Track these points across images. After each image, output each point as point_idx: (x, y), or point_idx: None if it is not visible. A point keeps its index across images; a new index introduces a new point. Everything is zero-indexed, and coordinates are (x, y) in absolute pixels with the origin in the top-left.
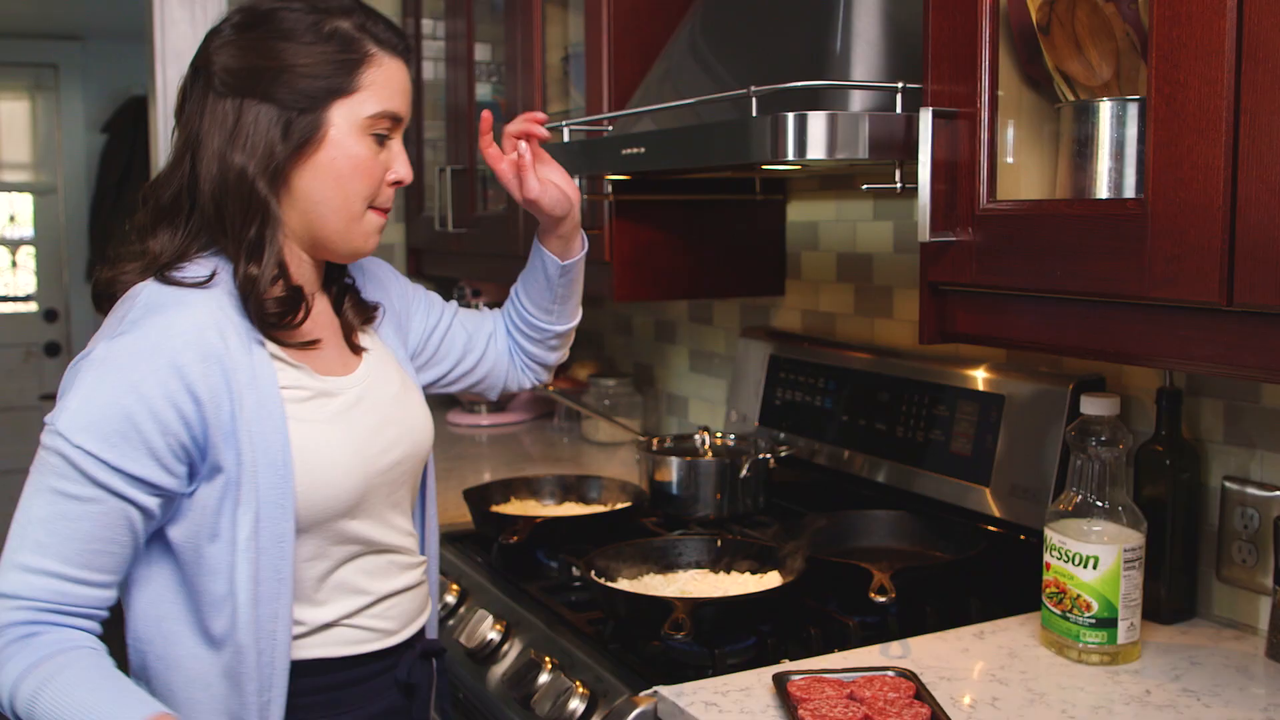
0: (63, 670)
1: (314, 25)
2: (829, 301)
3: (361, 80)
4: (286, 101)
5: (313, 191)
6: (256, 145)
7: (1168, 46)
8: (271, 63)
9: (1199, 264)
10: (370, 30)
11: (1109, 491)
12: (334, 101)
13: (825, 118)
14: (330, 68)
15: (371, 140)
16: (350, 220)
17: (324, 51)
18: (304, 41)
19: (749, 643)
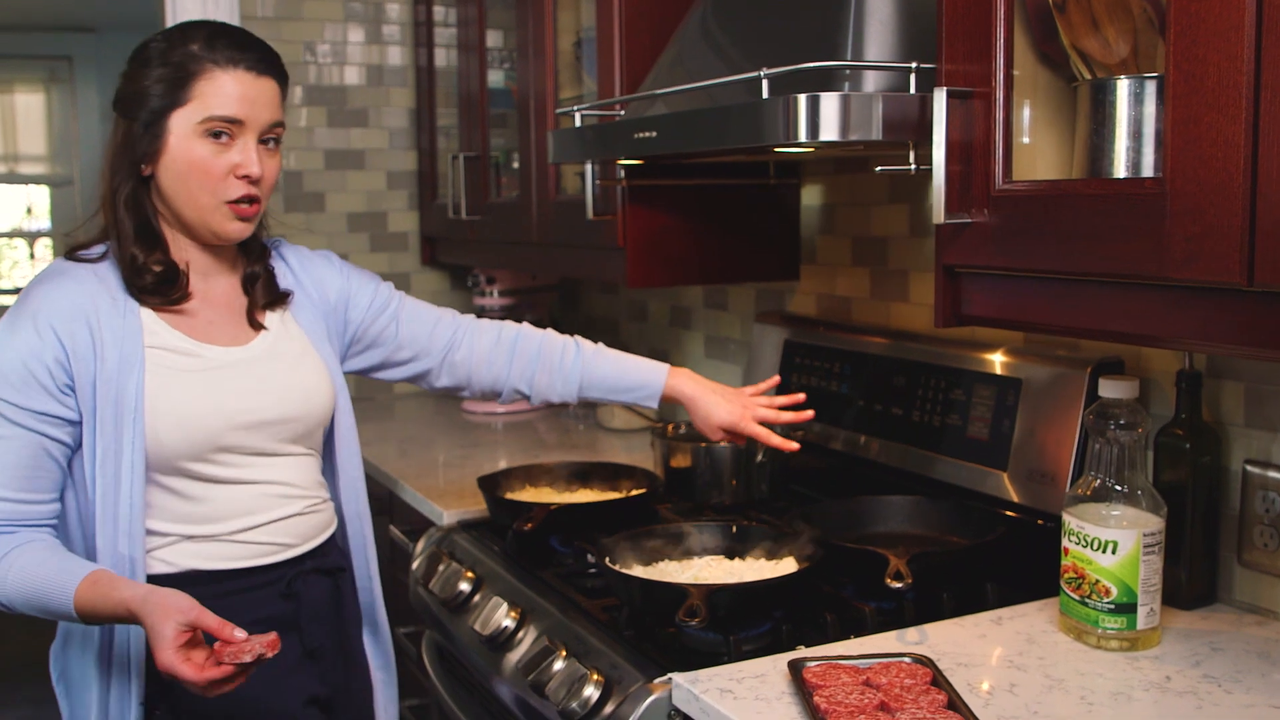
0: (23, 553)
1: (163, 52)
2: (844, 285)
3: (191, 92)
4: (140, 116)
5: (166, 187)
6: (123, 154)
7: (1187, 22)
8: (131, 87)
9: (1219, 244)
10: (209, 48)
11: (1128, 475)
12: (172, 112)
13: (838, 99)
14: (162, 86)
15: (209, 141)
16: (201, 210)
17: (163, 73)
18: (152, 66)
19: (764, 629)
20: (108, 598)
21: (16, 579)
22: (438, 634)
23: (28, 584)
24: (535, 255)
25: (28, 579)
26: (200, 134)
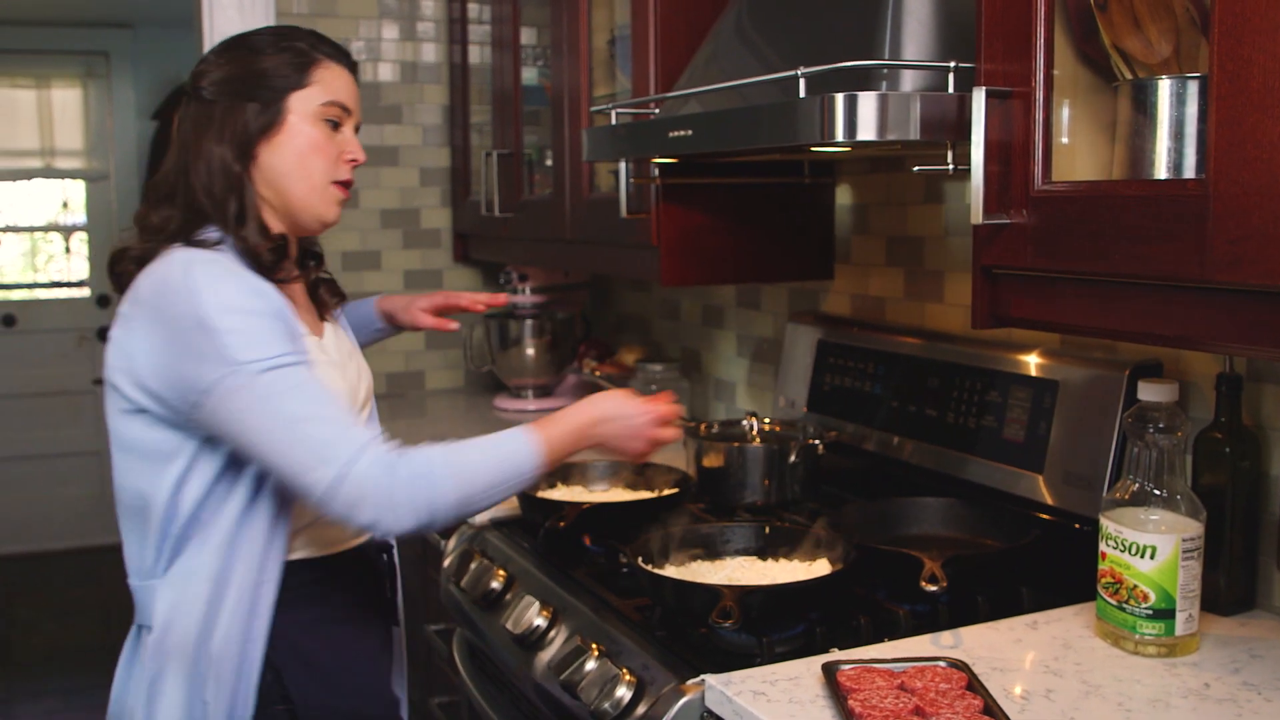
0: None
1: (274, 41)
2: (879, 286)
3: (312, 77)
4: (255, 96)
5: (276, 166)
6: (232, 133)
7: (1231, 21)
8: (242, 69)
9: (1263, 246)
10: (318, 46)
11: (1167, 480)
12: (291, 93)
13: (875, 98)
14: (287, 68)
15: (325, 125)
16: (312, 190)
17: (282, 59)
18: (267, 53)
19: (797, 631)
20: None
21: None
22: (469, 632)
23: (474, 465)
24: (568, 253)
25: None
26: (319, 117)
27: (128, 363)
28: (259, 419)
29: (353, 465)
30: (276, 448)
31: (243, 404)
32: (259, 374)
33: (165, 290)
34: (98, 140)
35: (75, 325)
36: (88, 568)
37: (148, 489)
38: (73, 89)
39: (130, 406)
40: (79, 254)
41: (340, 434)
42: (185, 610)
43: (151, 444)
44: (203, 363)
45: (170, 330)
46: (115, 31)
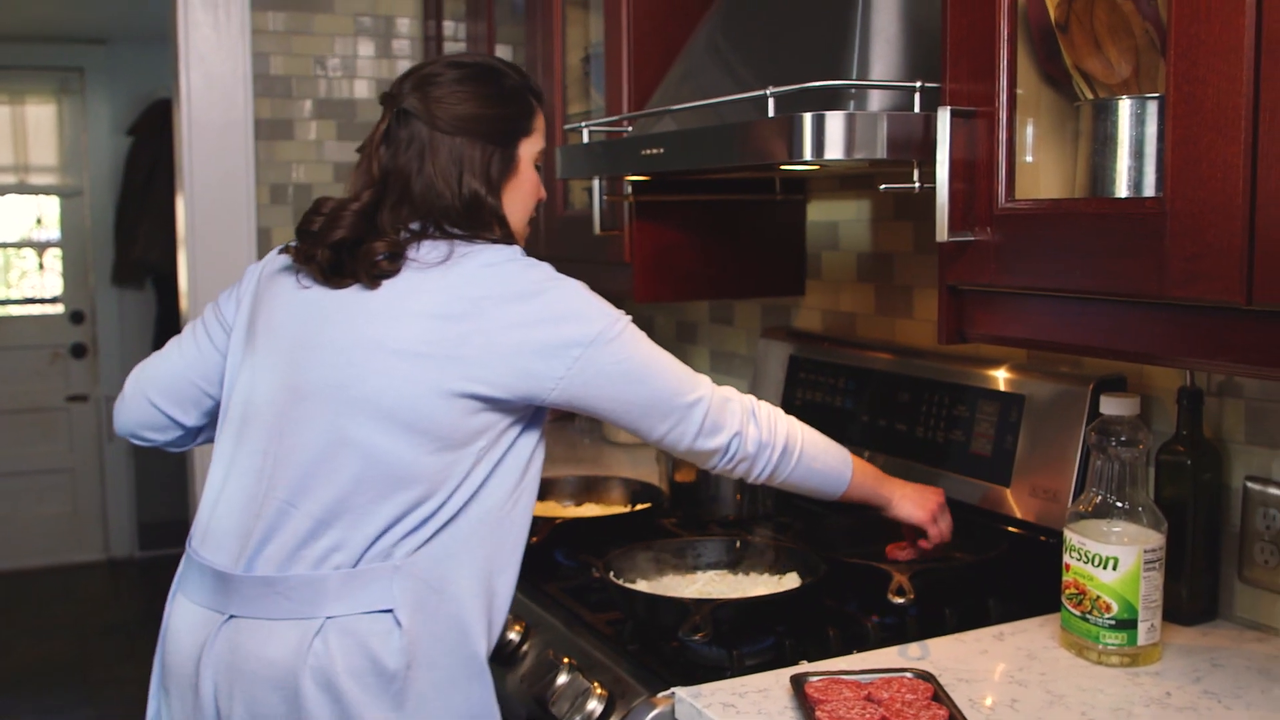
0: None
1: (514, 84)
2: (849, 301)
3: (533, 124)
4: (498, 139)
5: (509, 205)
6: (482, 172)
7: (1186, 44)
8: (487, 110)
9: (1218, 263)
10: (530, 87)
11: (1129, 492)
12: (522, 140)
13: (843, 117)
14: (519, 114)
15: (535, 170)
16: (522, 226)
17: (516, 103)
18: (496, 94)
19: (767, 644)
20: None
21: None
22: None
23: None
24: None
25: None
26: (535, 162)
27: (477, 348)
28: (644, 354)
29: (714, 387)
30: (659, 377)
31: (622, 347)
32: (628, 325)
33: (519, 265)
34: (72, 156)
35: (49, 342)
36: (62, 586)
37: (427, 472)
38: (47, 105)
39: (464, 392)
40: (53, 270)
41: (693, 373)
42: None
43: (463, 429)
44: (577, 321)
45: (536, 302)
46: (90, 47)
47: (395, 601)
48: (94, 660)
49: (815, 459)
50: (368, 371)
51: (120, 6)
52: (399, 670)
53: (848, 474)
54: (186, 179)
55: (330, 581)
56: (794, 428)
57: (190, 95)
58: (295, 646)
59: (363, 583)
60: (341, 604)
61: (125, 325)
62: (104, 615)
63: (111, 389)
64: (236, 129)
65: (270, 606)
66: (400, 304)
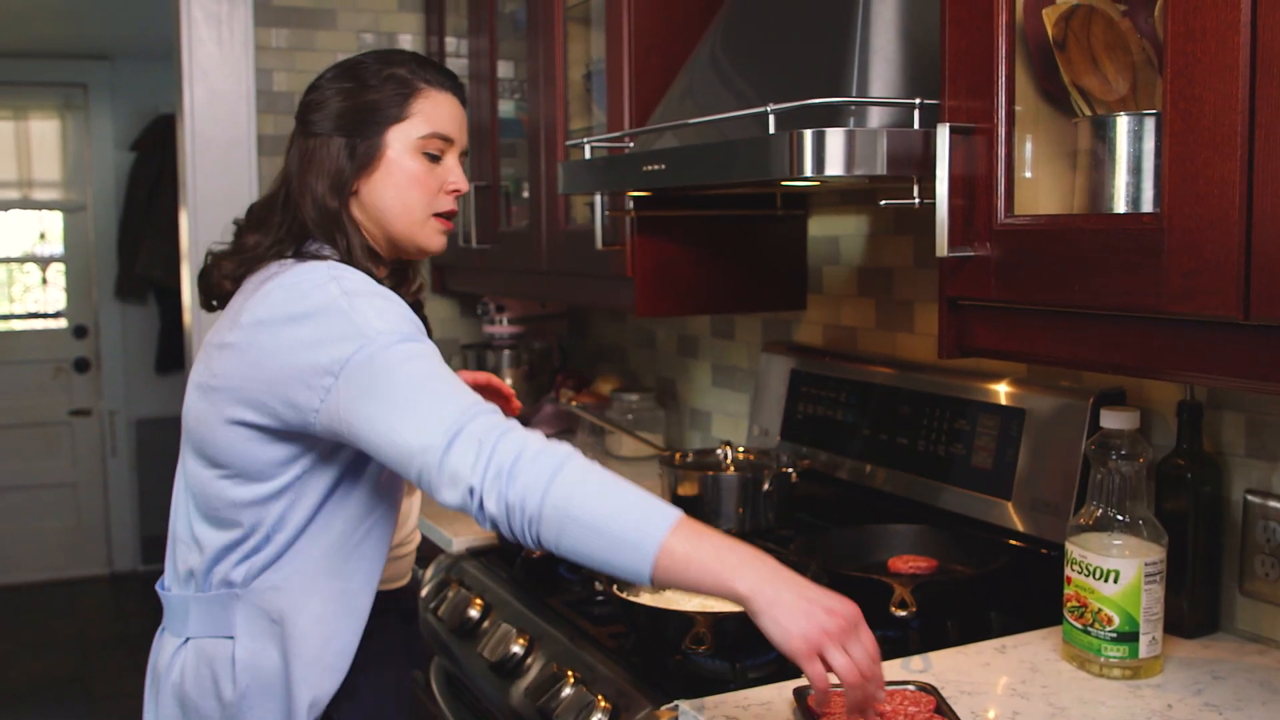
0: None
1: (377, 71)
2: (850, 316)
3: (411, 109)
4: (352, 131)
5: (378, 201)
6: (329, 170)
7: (1183, 62)
8: (345, 103)
9: (1216, 278)
10: (420, 72)
11: (1129, 505)
12: (389, 127)
13: (843, 134)
14: (386, 101)
15: (424, 158)
16: (412, 225)
17: (382, 90)
18: (368, 84)
19: (770, 657)
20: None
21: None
22: (446, 661)
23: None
24: (545, 284)
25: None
26: (417, 150)
27: (243, 377)
28: (384, 386)
29: (472, 420)
30: (395, 409)
31: (370, 375)
32: (390, 345)
33: (303, 287)
34: (75, 171)
35: (52, 356)
36: (64, 599)
37: (241, 502)
38: (51, 120)
39: (236, 419)
40: (56, 285)
41: (463, 396)
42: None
43: (255, 460)
44: (336, 344)
45: (305, 326)
46: (93, 63)
47: (236, 629)
48: (96, 674)
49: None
50: (187, 405)
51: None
52: (232, 700)
53: (643, 560)
54: (189, 194)
55: (190, 602)
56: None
57: (193, 111)
58: (167, 661)
59: (210, 607)
60: (197, 625)
61: (128, 340)
62: (106, 629)
63: (114, 403)
64: (239, 145)
65: (169, 621)
66: (211, 335)
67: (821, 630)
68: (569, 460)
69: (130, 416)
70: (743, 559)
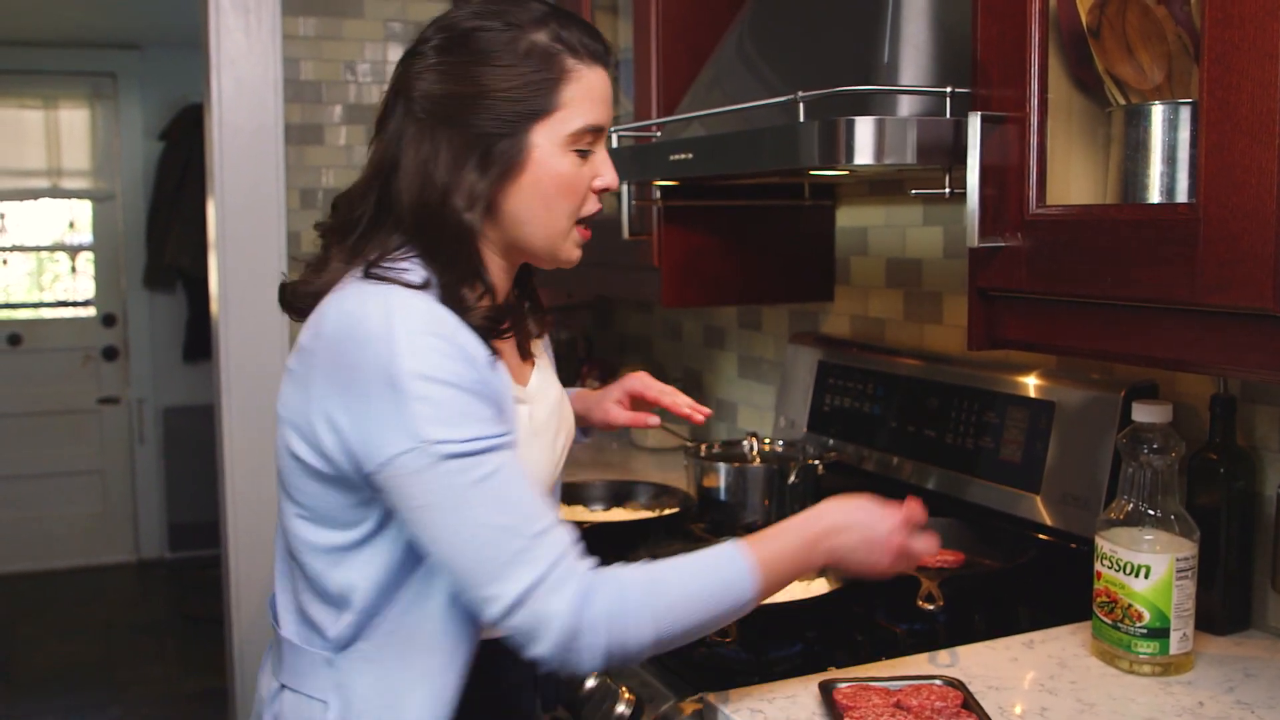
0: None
1: (510, 44)
2: (878, 307)
3: (561, 98)
4: (487, 127)
5: (518, 213)
6: (459, 172)
7: (1220, 49)
8: (470, 89)
9: (1251, 270)
10: (566, 40)
11: (1161, 500)
12: (535, 124)
13: (873, 123)
14: (529, 90)
15: (575, 156)
16: (556, 236)
17: (521, 73)
18: (501, 64)
19: (795, 650)
20: (781, 531)
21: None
22: None
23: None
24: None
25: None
26: (567, 147)
27: (301, 410)
28: (437, 513)
29: (535, 590)
30: (452, 549)
31: (420, 489)
32: (444, 459)
33: (357, 334)
34: (104, 160)
35: (81, 344)
36: (91, 586)
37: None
38: (80, 109)
39: (292, 451)
40: (85, 273)
41: (526, 549)
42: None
43: (324, 502)
44: (386, 429)
45: (354, 381)
46: (123, 53)
47: (329, 695)
48: (122, 660)
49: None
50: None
51: (153, 12)
52: None
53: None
54: (217, 183)
55: (284, 646)
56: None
57: (221, 100)
58: (267, 699)
59: (303, 660)
60: (291, 675)
61: (156, 328)
62: (133, 616)
63: (142, 391)
64: (267, 134)
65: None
66: None
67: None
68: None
69: (158, 405)
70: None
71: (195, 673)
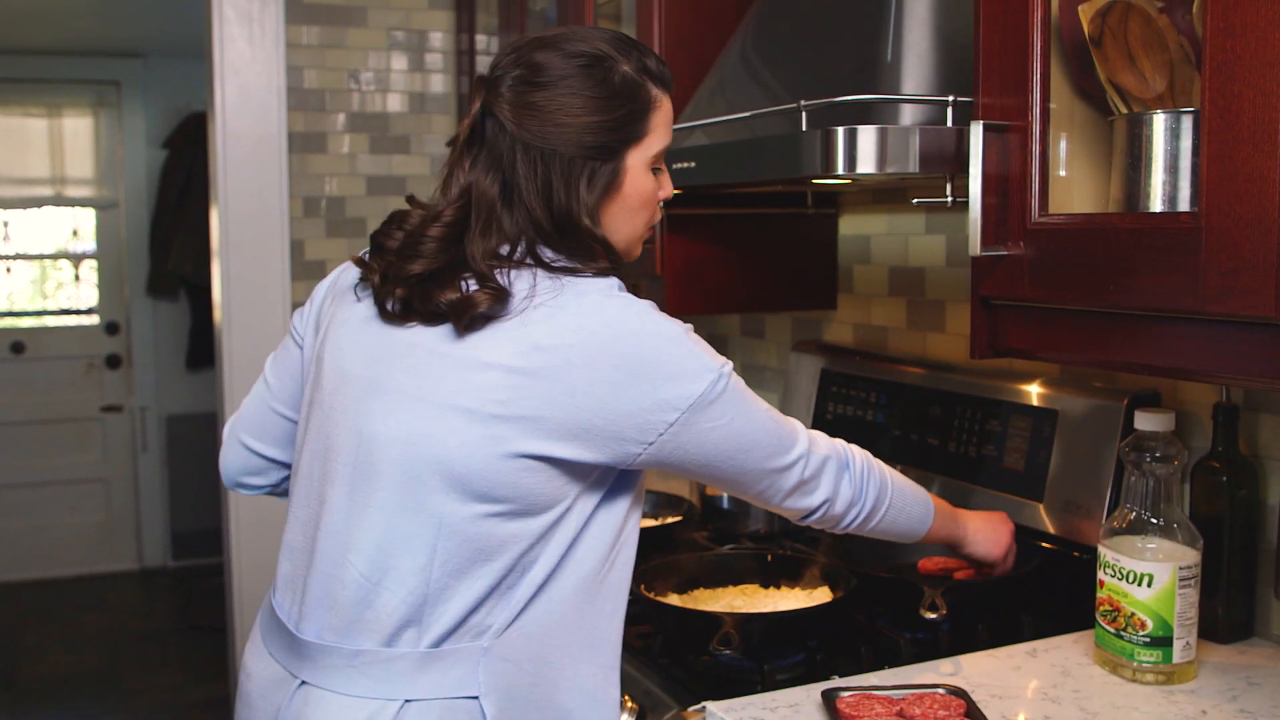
0: None
1: (604, 79)
2: (881, 315)
3: (648, 125)
4: (590, 154)
5: (612, 223)
6: (571, 191)
7: (1222, 58)
8: (573, 119)
9: (1253, 278)
10: (648, 71)
11: (1164, 508)
12: (630, 148)
13: (875, 132)
14: (623, 119)
15: (652, 175)
16: (633, 240)
17: (616, 104)
18: (598, 96)
19: (798, 658)
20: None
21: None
22: None
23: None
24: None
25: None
26: (649, 167)
27: (552, 407)
28: (743, 416)
29: (811, 441)
30: (756, 442)
31: (729, 405)
32: (731, 375)
33: (604, 329)
34: (108, 169)
35: (84, 352)
36: (95, 594)
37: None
38: (84, 118)
39: (530, 453)
40: (88, 281)
41: (795, 424)
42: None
43: (536, 493)
44: (674, 382)
45: (637, 362)
46: (126, 61)
47: (481, 688)
48: (126, 669)
49: (901, 512)
50: (439, 430)
51: (156, 21)
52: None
53: (929, 522)
54: (220, 191)
55: (409, 660)
56: (885, 484)
57: (224, 108)
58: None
59: (445, 665)
60: (421, 687)
61: (159, 336)
62: (137, 624)
63: (145, 399)
64: (270, 142)
65: (343, 680)
66: (474, 352)
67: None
68: (879, 470)
69: (161, 412)
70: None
71: (200, 681)
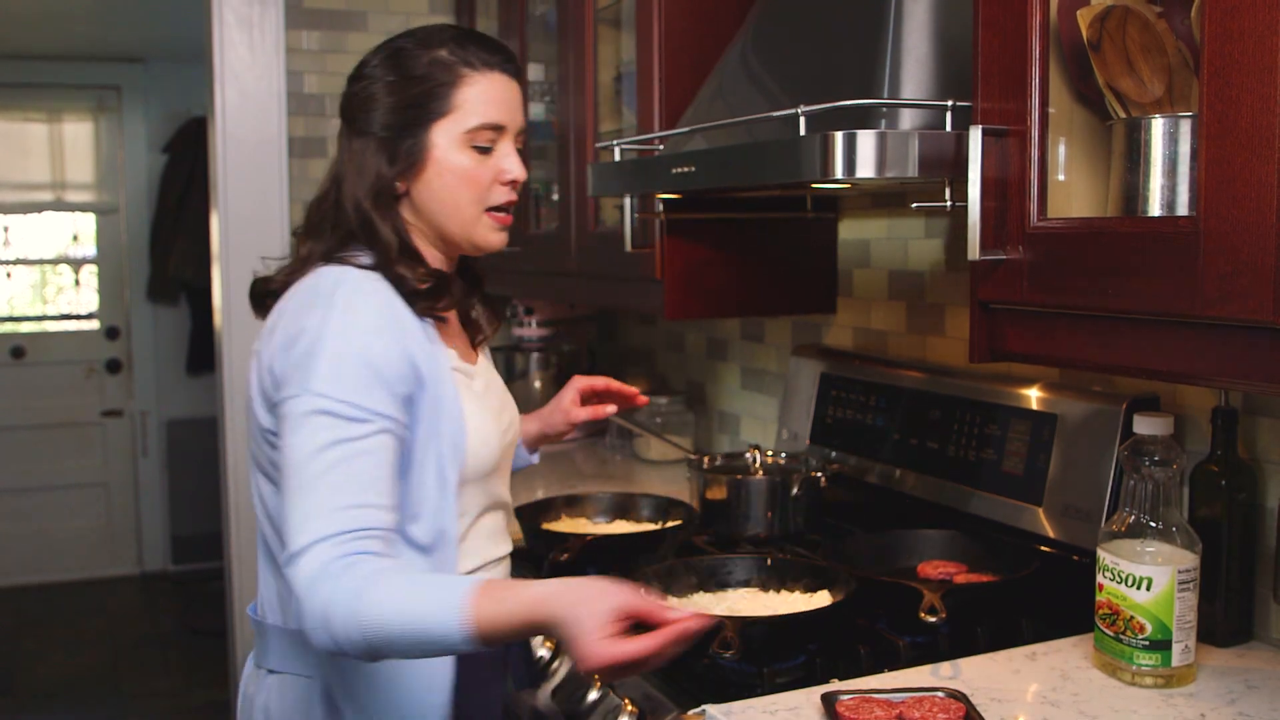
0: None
1: (417, 59)
2: (880, 319)
3: (455, 101)
4: (394, 130)
5: (427, 203)
6: (370, 173)
7: (1220, 63)
8: (385, 98)
9: (1251, 282)
10: (463, 53)
11: (1163, 512)
12: (433, 124)
13: (874, 136)
14: (425, 95)
15: (473, 152)
16: (465, 223)
17: (413, 83)
18: (411, 75)
19: (798, 661)
20: (512, 600)
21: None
22: None
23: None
24: (574, 286)
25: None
26: (465, 144)
27: (262, 377)
28: (288, 454)
29: (300, 556)
30: (284, 494)
31: (287, 429)
32: (315, 412)
33: (310, 299)
34: (108, 173)
35: (84, 357)
36: (95, 599)
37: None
38: (84, 122)
39: (262, 425)
40: (88, 286)
41: (320, 516)
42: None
43: None
44: (295, 370)
45: (297, 334)
46: (127, 66)
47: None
48: (127, 673)
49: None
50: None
51: (157, 26)
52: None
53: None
54: (220, 196)
55: (269, 634)
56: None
57: (225, 113)
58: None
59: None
60: (276, 659)
61: (160, 341)
62: (137, 628)
63: (145, 404)
64: (270, 147)
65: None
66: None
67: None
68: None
69: (161, 417)
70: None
71: (201, 685)
